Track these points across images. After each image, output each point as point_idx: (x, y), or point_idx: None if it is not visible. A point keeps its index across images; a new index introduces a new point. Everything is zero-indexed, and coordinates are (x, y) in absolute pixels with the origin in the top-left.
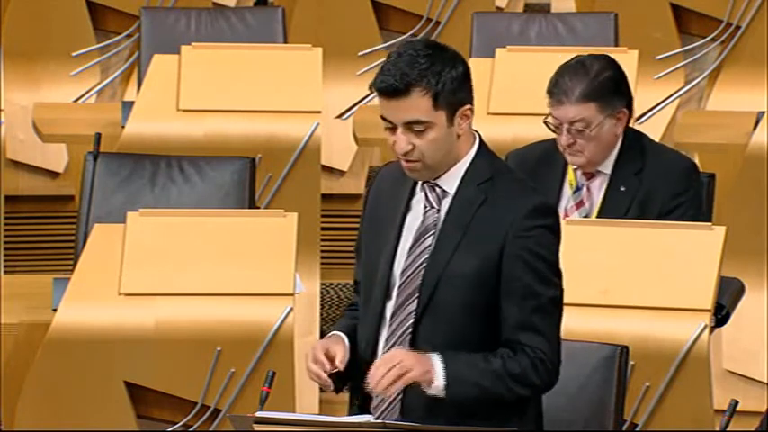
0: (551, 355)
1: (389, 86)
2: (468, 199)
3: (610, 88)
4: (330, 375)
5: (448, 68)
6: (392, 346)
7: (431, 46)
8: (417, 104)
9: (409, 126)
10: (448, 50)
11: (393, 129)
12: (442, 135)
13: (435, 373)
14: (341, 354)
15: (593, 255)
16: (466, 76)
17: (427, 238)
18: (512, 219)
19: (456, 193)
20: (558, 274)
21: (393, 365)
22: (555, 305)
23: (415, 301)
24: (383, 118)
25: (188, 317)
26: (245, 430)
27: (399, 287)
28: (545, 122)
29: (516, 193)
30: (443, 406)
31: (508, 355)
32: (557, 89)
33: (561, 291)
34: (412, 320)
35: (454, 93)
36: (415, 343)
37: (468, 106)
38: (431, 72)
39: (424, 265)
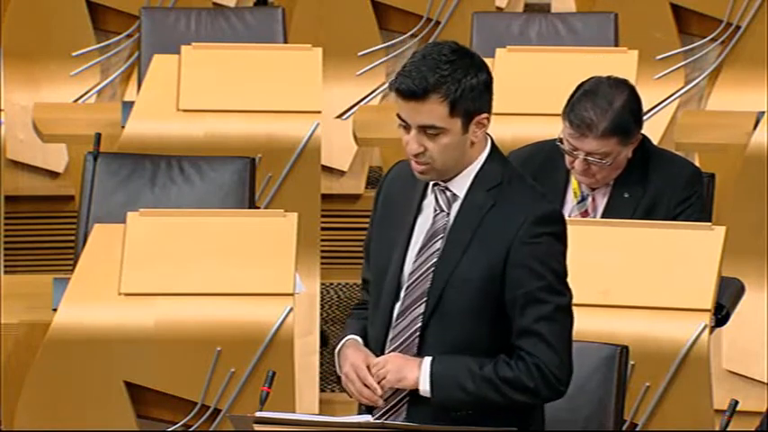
0: (555, 362)
1: (408, 89)
2: (478, 203)
3: (631, 121)
4: None
5: (470, 77)
6: (396, 348)
7: (457, 51)
8: (434, 110)
9: (423, 129)
10: (473, 57)
11: (407, 128)
12: (455, 141)
13: (421, 375)
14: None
15: (593, 255)
16: (487, 84)
17: (436, 241)
18: (519, 225)
19: (466, 196)
20: (565, 282)
21: (374, 373)
22: (562, 313)
23: (423, 305)
24: (399, 116)
25: (188, 317)
26: (245, 430)
27: (407, 290)
28: (558, 144)
29: (525, 200)
30: (446, 409)
31: (503, 360)
32: (578, 120)
33: (569, 299)
34: (419, 324)
35: (473, 101)
36: (423, 347)
37: (485, 115)
38: (451, 79)
39: (433, 268)
